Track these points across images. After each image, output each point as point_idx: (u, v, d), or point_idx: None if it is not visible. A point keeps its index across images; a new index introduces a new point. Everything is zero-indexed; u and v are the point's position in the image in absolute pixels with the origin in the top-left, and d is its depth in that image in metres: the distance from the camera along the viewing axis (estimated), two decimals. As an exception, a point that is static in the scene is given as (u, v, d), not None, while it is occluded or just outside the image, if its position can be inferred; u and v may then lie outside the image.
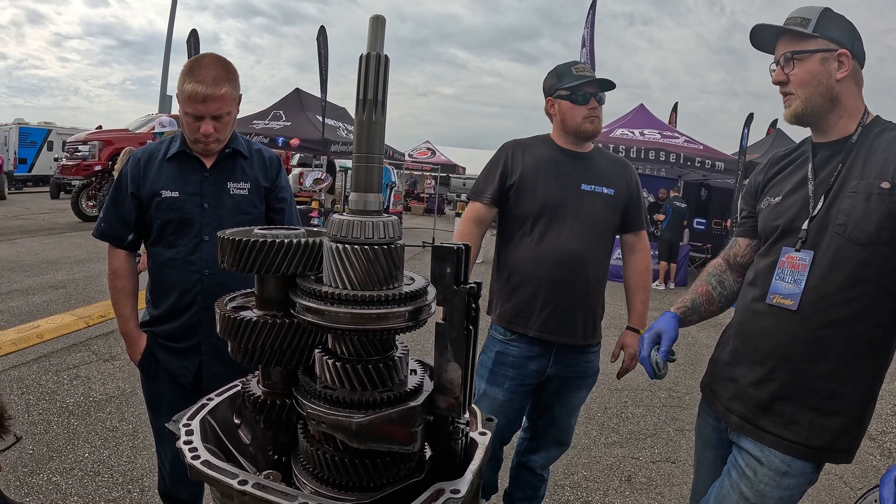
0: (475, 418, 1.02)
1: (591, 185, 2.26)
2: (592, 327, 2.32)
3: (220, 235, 0.95)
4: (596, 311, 2.33)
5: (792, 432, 1.53)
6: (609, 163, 2.37)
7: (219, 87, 1.81)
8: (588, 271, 2.24)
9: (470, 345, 0.82)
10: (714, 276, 1.89)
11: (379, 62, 0.81)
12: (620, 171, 2.35)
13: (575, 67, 2.26)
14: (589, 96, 2.22)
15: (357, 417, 0.81)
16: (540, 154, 2.32)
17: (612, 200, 2.29)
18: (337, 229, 0.84)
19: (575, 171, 2.27)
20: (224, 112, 1.86)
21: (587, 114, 2.22)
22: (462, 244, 0.81)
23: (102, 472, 3.03)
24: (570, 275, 2.21)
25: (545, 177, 2.26)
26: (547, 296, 2.22)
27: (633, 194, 2.35)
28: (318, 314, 0.83)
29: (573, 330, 2.26)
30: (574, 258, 2.21)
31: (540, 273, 2.22)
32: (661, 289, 10.69)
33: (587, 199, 2.25)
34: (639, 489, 3.34)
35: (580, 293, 2.24)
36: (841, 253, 1.47)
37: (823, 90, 1.52)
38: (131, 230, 2.01)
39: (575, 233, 2.21)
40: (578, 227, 2.22)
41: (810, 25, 1.51)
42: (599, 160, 2.35)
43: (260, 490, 0.80)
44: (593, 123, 2.24)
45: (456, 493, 0.82)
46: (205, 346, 1.97)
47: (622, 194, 2.32)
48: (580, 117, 2.23)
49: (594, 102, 2.23)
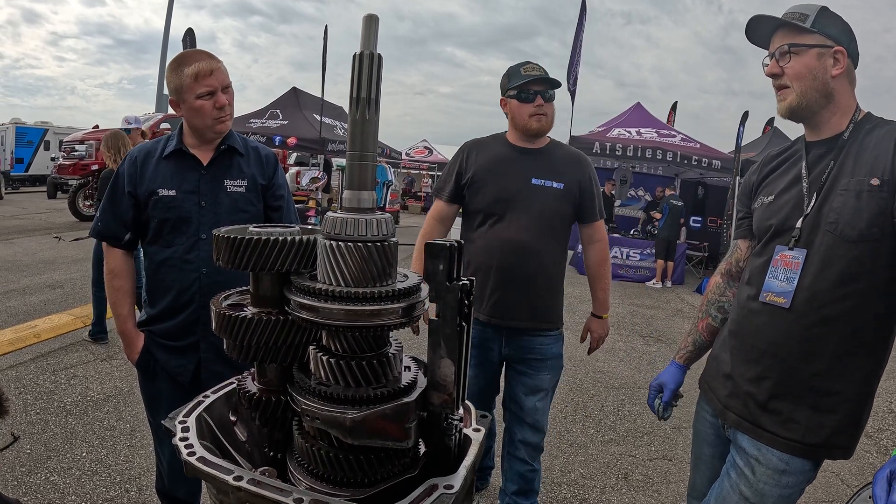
0: (469, 415, 1.02)
1: (541, 180, 2.38)
2: (543, 312, 2.44)
3: (215, 233, 0.96)
4: (545, 298, 2.43)
5: (789, 430, 1.54)
6: (562, 157, 2.45)
7: (215, 61, 1.91)
8: (535, 260, 2.37)
9: (463, 341, 0.83)
10: (713, 305, 1.89)
11: (372, 61, 0.82)
12: (572, 166, 2.44)
13: (524, 67, 2.36)
14: (535, 94, 2.32)
15: (351, 413, 0.82)
16: (493, 152, 2.46)
17: (561, 194, 2.39)
18: (331, 227, 0.84)
19: (525, 167, 2.39)
20: (229, 83, 1.96)
21: (533, 111, 2.33)
22: (455, 241, 0.82)
23: (100, 472, 3.03)
24: (516, 263, 2.35)
25: (496, 173, 2.41)
26: (495, 283, 2.38)
27: (584, 187, 2.43)
28: (313, 311, 0.83)
29: (519, 314, 2.40)
30: (520, 248, 2.34)
31: (490, 262, 2.38)
32: (658, 287, 10.71)
33: (536, 192, 2.37)
34: (636, 487, 3.35)
35: (527, 280, 2.37)
36: (833, 251, 1.47)
37: (819, 85, 1.52)
38: (128, 229, 2.00)
39: (522, 224, 2.35)
40: (526, 219, 2.35)
41: (808, 21, 1.52)
42: (552, 155, 2.44)
43: (255, 486, 0.80)
44: (540, 121, 2.35)
45: (449, 489, 0.82)
46: (203, 344, 1.97)
47: (572, 188, 2.40)
48: (527, 115, 2.34)
49: (540, 100, 2.32)
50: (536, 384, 2.50)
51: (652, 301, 9.27)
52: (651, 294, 9.95)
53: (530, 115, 2.33)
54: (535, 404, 2.50)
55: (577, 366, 5.48)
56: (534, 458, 2.57)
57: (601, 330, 2.68)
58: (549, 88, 2.33)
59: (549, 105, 2.35)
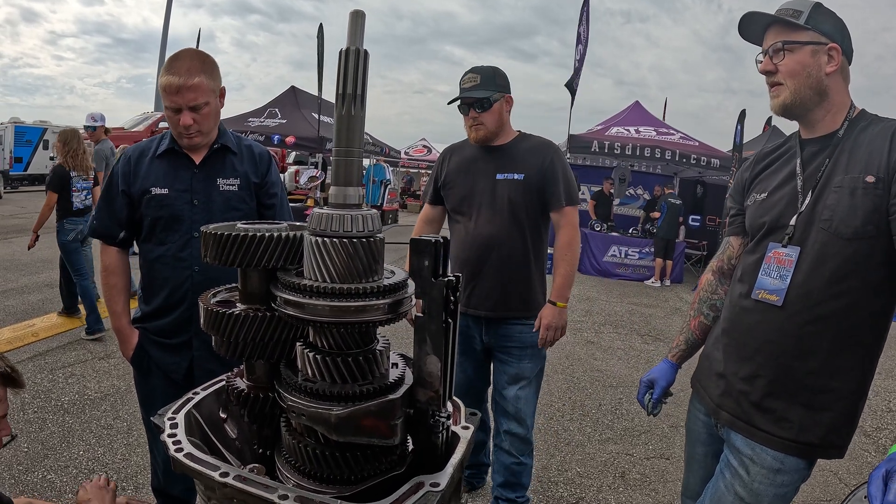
0: (458, 412, 1.02)
1: (504, 174, 2.47)
2: (518, 301, 2.51)
3: (203, 230, 0.96)
4: (519, 286, 2.51)
5: (783, 429, 1.53)
6: (526, 149, 2.51)
7: (191, 77, 1.82)
8: (502, 251, 2.46)
9: (449, 337, 0.83)
10: (705, 303, 1.88)
11: (358, 57, 0.82)
12: (533, 155, 2.49)
13: (462, 79, 2.46)
14: (467, 108, 2.45)
15: (336, 410, 0.82)
16: (464, 154, 2.61)
17: (522, 185, 2.45)
18: (317, 223, 0.84)
19: (490, 164, 2.50)
20: (201, 102, 1.86)
21: (469, 123, 2.46)
22: (441, 237, 0.81)
23: (97, 470, 3.03)
24: (484, 255, 2.47)
25: (464, 173, 2.56)
26: (468, 275, 2.51)
27: (547, 175, 2.46)
28: (299, 307, 0.83)
29: (493, 304, 2.50)
30: (487, 241, 2.46)
31: (462, 256, 2.52)
32: (656, 286, 10.70)
33: (500, 187, 2.47)
34: (633, 485, 3.35)
35: (496, 271, 2.48)
36: (827, 248, 1.46)
37: (813, 82, 1.51)
38: (123, 227, 2.01)
39: (488, 218, 2.47)
40: (491, 213, 2.47)
41: (802, 17, 1.50)
42: (516, 149, 2.51)
43: (241, 482, 0.80)
44: (478, 131, 2.46)
45: (435, 487, 0.82)
46: (196, 341, 1.98)
47: (533, 177, 2.45)
48: (468, 126, 2.49)
49: (474, 112, 2.43)
50: (517, 372, 2.56)
51: (650, 300, 9.26)
52: (649, 293, 9.94)
53: (469, 126, 2.48)
54: (517, 393, 2.55)
55: (574, 364, 5.48)
56: (521, 452, 2.59)
57: (553, 319, 2.46)
58: (479, 100, 2.40)
59: (486, 114, 2.42)
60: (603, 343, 6.34)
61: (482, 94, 2.41)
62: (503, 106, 2.49)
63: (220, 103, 1.97)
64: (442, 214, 2.75)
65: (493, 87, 2.43)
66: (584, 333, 6.68)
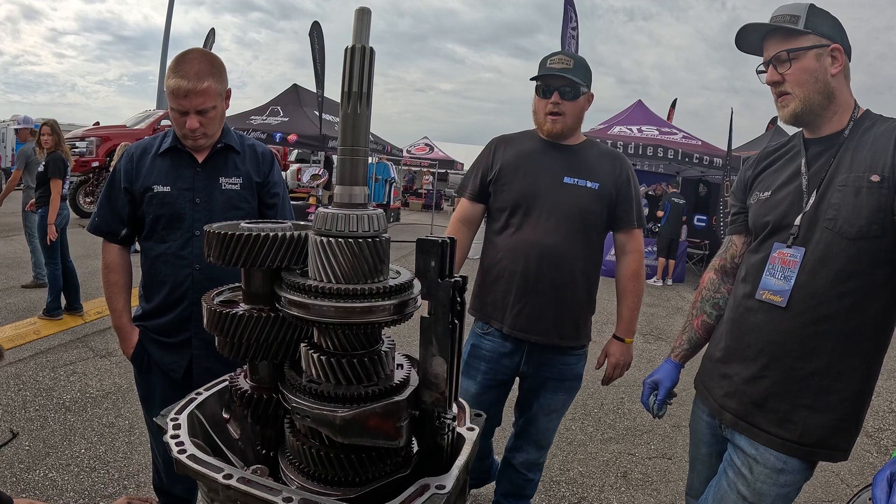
0: (463, 413, 1.01)
1: (573, 179, 2.16)
2: (571, 328, 2.21)
3: (206, 229, 0.95)
4: (575, 312, 2.20)
5: (786, 430, 1.52)
6: (598, 156, 2.23)
7: (201, 82, 1.80)
8: (565, 267, 2.13)
9: (455, 339, 0.82)
10: (707, 302, 1.87)
11: (364, 55, 0.81)
12: (609, 165, 2.22)
13: (551, 59, 2.14)
14: (552, 90, 2.11)
15: (341, 412, 0.81)
16: (523, 147, 2.25)
17: (596, 195, 2.16)
18: (322, 222, 0.83)
19: (557, 164, 2.18)
20: (208, 106, 1.85)
21: (550, 109, 2.13)
22: (447, 237, 0.80)
23: (98, 468, 3.03)
24: (543, 270, 2.12)
25: (524, 169, 2.19)
26: (519, 291, 2.15)
27: (621, 189, 2.20)
28: (303, 308, 0.82)
29: (545, 329, 2.16)
30: (548, 253, 2.11)
31: (513, 267, 2.15)
32: (658, 285, 10.69)
33: (568, 192, 2.14)
34: (635, 485, 3.35)
35: (554, 290, 2.13)
36: (831, 248, 1.45)
37: (821, 87, 1.50)
38: (125, 225, 2.01)
39: (552, 227, 2.12)
40: (555, 221, 2.13)
41: (800, 22, 1.49)
42: (587, 153, 2.23)
43: (244, 484, 0.79)
44: (555, 123, 2.14)
45: (441, 489, 0.81)
46: (195, 340, 1.97)
47: (608, 189, 2.18)
48: (543, 112, 2.15)
49: (557, 97, 2.10)
50: (554, 405, 2.32)
51: (652, 299, 9.25)
52: (652, 292, 9.93)
53: (546, 112, 2.14)
54: (549, 425, 2.36)
55: (576, 364, 5.47)
56: (531, 470, 2.47)
57: (621, 356, 2.30)
58: (570, 85, 2.11)
59: (571, 104, 2.12)
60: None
61: (576, 78, 2.09)
62: (586, 102, 2.21)
63: (225, 105, 1.96)
64: (482, 214, 2.36)
65: (584, 78, 2.13)
66: (585, 333, 6.66)
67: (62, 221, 5.41)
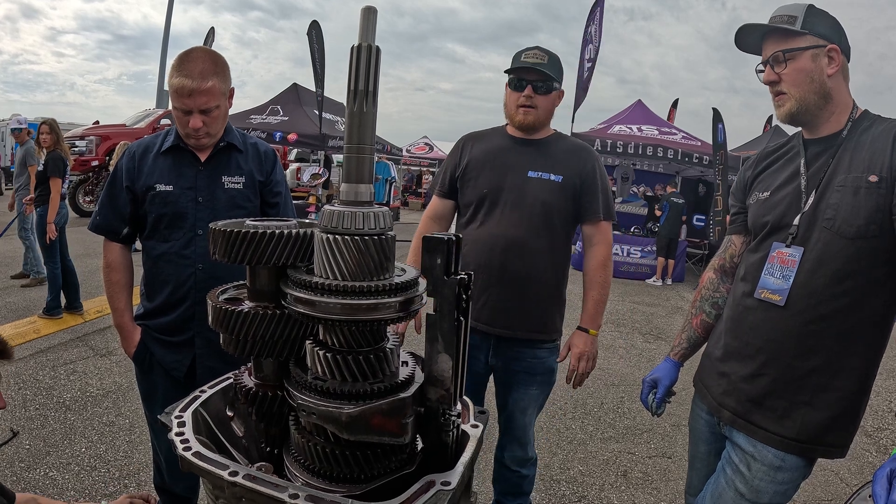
0: (468, 410, 1.02)
1: (538, 172, 2.18)
2: (538, 321, 2.21)
3: (212, 227, 0.95)
4: (542, 305, 2.21)
5: (784, 427, 1.53)
6: (564, 149, 2.25)
7: (205, 81, 1.80)
8: (529, 260, 2.13)
9: (461, 336, 0.82)
10: (707, 301, 1.88)
11: (370, 53, 0.81)
12: (575, 158, 2.23)
13: (526, 53, 2.17)
14: (525, 84, 2.13)
15: (347, 408, 0.81)
16: (490, 143, 2.29)
17: (559, 187, 2.17)
18: (328, 220, 0.83)
19: (522, 159, 2.20)
20: (212, 106, 1.84)
21: (521, 101, 2.14)
22: (453, 235, 0.81)
23: (99, 467, 3.03)
24: (507, 262, 2.13)
25: (490, 165, 2.23)
26: (483, 284, 2.16)
27: (586, 181, 2.21)
28: (310, 305, 0.83)
29: (508, 321, 2.17)
30: (511, 245, 2.12)
31: (478, 259, 2.16)
32: (658, 284, 10.70)
33: (532, 185, 2.17)
34: (635, 484, 3.35)
35: (519, 283, 2.14)
36: (829, 248, 1.46)
37: (816, 87, 1.51)
38: (126, 224, 2.01)
39: (515, 220, 2.14)
40: (519, 214, 2.15)
41: (798, 22, 1.50)
42: (554, 147, 2.24)
43: (250, 481, 0.80)
44: (527, 115, 2.15)
45: (446, 485, 0.82)
46: (198, 339, 1.97)
47: (572, 181, 2.19)
48: (514, 105, 2.17)
49: (530, 91, 2.12)
50: (527, 400, 2.31)
51: (652, 298, 9.26)
52: (651, 291, 9.94)
53: (518, 105, 2.16)
54: (525, 421, 2.35)
55: (576, 363, 5.48)
56: (522, 466, 2.44)
57: (585, 347, 2.24)
58: (543, 80, 2.14)
59: (543, 97, 2.15)
60: (605, 341, 6.34)
61: (549, 72, 2.12)
62: (557, 98, 2.24)
63: (229, 104, 1.95)
64: (453, 210, 2.41)
65: (557, 74, 2.16)
66: (585, 332, 6.67)
67: (61, 220, 5.42)
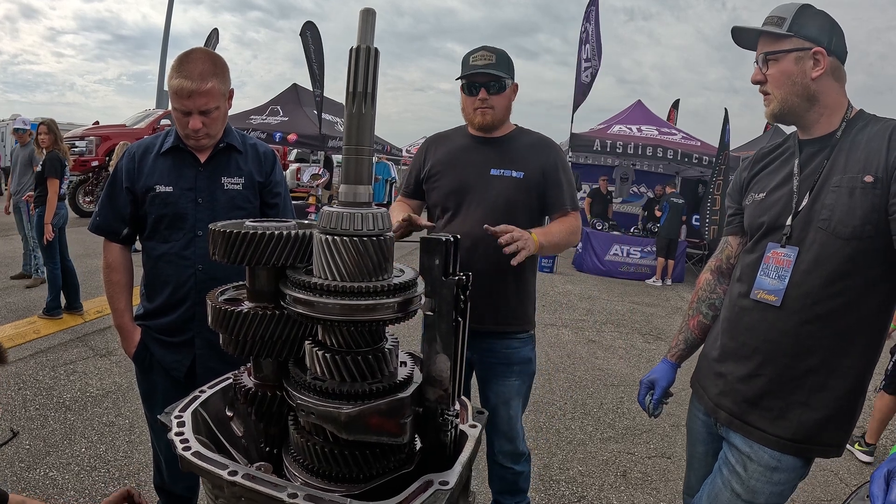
0: (466, 410, 1.02)
1: (499, 170, 2.22)
2: (507, 314, 2.25)
3: (211, 227, 0.96)
4: (510, 298, 2.25)
5: (780, 427, 1.54)
6: (525, 145, 2.28)
7: (205, 82, 1.80)
8: (492, 256, 2.11)
9: (459, 336, 0.83)
10: (704, 303, 1.88)
11: (369, 55, 0.81)
12: (536, 153, 2.26)
13: (473, 56, 2.20)
14: (478, 88, 2.17)
15: (346, 408, 0.82)
16: (453, 144, 2.33)
17: (521, 184, 2.21)
18: (327, 221, 0.84)
19: (484, 157, 2.24)
20: (212, 107, 1.84)
21: (477, 105, 2.18)
22: (451, 235, 0.81)
23: (99, 468, 3.04)
24: (473, 260, 2.15)
25: (452, 165, 2.27)
26: None
27: (549, 175, 2.24)
28: (309, 305, 0.83)
29: (479, 316, 2.10)
30: (475, 243, 2.15)
31: None
32: (658, 285, 10.70)
33: (495, 183, 2.21)
34: (634, 484, 3.35)
35: (486, 279, 2.15)
36: (825, 248, 1.46)
37: (799, 89, 1.52)
38: (126, 224, 2.01)
39: (479, 217, 2.15)
40: (482, 211, 2.17)
41: (785, 24, 1.51)
42: (514, 143, 2.28)
43: (249, 481, 0.80)
44: (484, 115, 2.19)
45: (445, 485, 0.82)
46: (198, 340, 1.97)
47: (534, 176, 2.22)
48: (471, 108, 2.21)
49: (484, 93, 2.16)
50: (504, 392, 2.33)
51: (651, 299, 9.26)
52: (651, 292, 9.94)
53: (474, 108, 2.20)
54: (510, 413, 2.35)
55: (576, 363, 5.48)
56: (516, 462, 2.44)
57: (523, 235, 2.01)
58: (495, 80, 2.16)
59: (498, 97, 2.18)
60: (604, 342, 6.34)
61: (499, 73, 2.16)
62: (512, 93, 2.27)
63: (228, 105, 1.95)
64: (418, 210, 2.44)
65: (507, 70, 2.20)
66: (585, 332, 6.68)
67: (60, 221, 5.44)
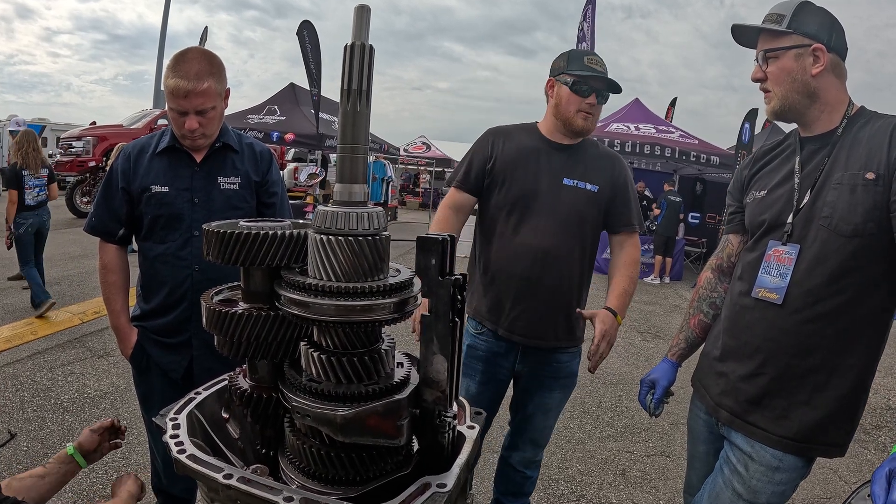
0: (463, 412, 1.01)
1: (573, 180, 2.13)
2: (565, 328, 2.20)
3: (205, 228, 0.95)
4: (569, 312, 2.18)
5: (782, 427, 1.53)
6: (597, 157, 2.22)
7: (201, 82, 1.78)
8: (562, 271, 2.12)
9: (456, 337, 0.82)
10: (705, 301, 1.87)
11: (364, 52, 0.80)
12: (608, 167, 2.20)
13: (588, 58, 2.12)
14: (591, 91, 2.08)
15: (342, 410, 0.81)
16: (521, 143, 2.20)
17: (594, 198, 2.15)
18: (321, 221, 0.83)
19: (557, 164, 2.15)
20: (208, 107, 1.83)
21: (584, 107, 2.08)
22: (447, 235, 0.80)
23: (97, 469, 3.02)
24: (541, 274, 2.10)
25: (523, 168, 2.15)
26: (517, 295, 2.13)
27: (618, 192, 2.19)
28: (303, 306, 0.82)
29: (542, 332, 2.16)
30: (545, 256, 2.10)
31: (510, 270, 2.13)
32: (656, 283, 10.71)
33: (566, 194, 2.12)
34: (633, 483, 3.35)
35: (552, 293, 2.13)
36: (827, 246, 1.46)
37: (799, 86, 1.51)
38: (122, 225, 2.00)
39: (549, 229, 2.10)
40: (553, 223, 2.10)
41: (784, 22, 1.51)
42: (587, 154, 2.20)
43: (245, 484, 0.79)
44: (586, 120, 2.10)
45: (442, 487, 0.81)
46: (195, 341, 1.97)
47: (606, 191, 2.17)
48: (575, 109, 2.09)
49: (594, 98, 2.09)
50: (550, 403, 2.31)
51: (650, 297, 9.26)
52: (649, 290, 9.94)
53: (578, 109, 2.09)
54: (546, 423, 2.36)
55: (575, 362, 5.48)
56: (528, 468, 2.45)
57: (609, 327, 2.04)
58: (608, 90, 2.12)
59: (600, 107, 2.13)
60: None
61: (618, 85, 2.11)
62: None
63: (224, 105, 1.94)
64: (472, 205, 2.30)
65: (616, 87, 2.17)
66: (583, 331, 6.67)
67: (25, 229, 5.75)
